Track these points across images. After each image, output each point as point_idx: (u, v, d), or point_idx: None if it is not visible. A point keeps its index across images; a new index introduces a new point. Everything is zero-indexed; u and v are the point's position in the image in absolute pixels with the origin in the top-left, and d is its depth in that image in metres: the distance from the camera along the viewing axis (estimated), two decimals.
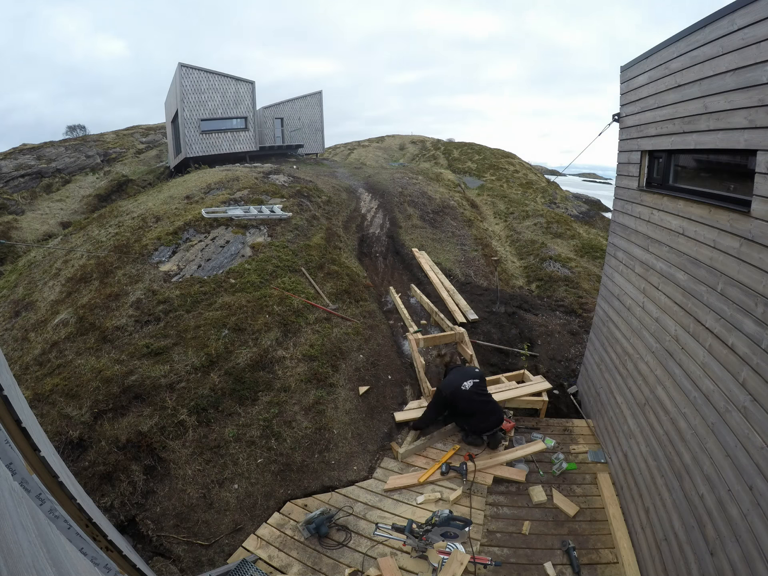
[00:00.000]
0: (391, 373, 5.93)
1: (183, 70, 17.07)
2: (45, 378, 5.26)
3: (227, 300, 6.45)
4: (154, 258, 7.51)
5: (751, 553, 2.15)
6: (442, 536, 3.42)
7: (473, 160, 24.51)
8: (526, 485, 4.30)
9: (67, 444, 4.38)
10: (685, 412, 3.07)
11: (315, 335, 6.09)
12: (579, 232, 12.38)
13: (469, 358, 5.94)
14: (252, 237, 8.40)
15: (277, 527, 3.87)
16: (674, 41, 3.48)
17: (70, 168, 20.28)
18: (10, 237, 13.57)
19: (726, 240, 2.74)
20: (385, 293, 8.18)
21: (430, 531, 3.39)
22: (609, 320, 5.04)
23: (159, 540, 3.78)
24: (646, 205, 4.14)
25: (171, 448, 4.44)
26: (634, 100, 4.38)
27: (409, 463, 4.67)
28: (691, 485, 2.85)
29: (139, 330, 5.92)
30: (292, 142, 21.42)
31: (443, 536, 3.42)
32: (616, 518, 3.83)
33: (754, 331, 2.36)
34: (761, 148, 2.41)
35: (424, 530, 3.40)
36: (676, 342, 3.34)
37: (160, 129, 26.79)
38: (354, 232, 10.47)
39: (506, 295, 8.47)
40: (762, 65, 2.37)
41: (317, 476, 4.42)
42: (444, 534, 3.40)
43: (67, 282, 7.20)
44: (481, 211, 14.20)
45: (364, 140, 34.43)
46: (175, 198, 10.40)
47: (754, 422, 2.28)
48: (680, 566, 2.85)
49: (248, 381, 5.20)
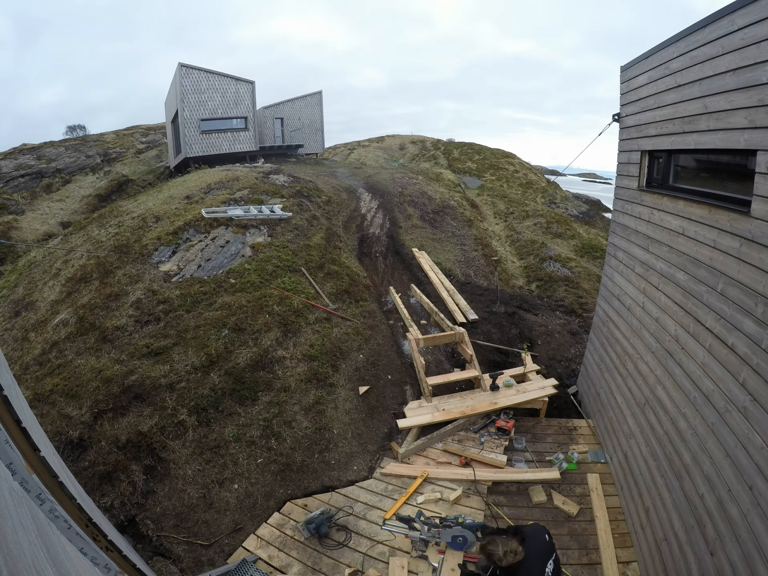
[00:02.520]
0: (391, 373, 5.93)
1: (183, 70, 17.06)
2: (45, 378, 5.26)
3: (227, 300, 6.45)
4: (154, 258, 7.50)
5: (751, 553, 2.15)
6: (452, 540, 3.41)
7: (473, 160, 24.51)
8: (525, 485, 4.31)
9: (67, 444, 4.38)
10: (685, 412, 3.07)
11: (315, 335, 6.09)
12: (579, 232, 12.38)
13: (469, 358, 5.94)
14: (252, 237, 8.39)
15: (277, 527, 3.87)
16: (674, 41, 3.47)
17: (70, 168, 20.28)
18: (10, 237, 13.57)
19: (726, 240, 2.74)
20: (385, 293, 8.17)
21: (450, 528, 3.39)
22: (609, 320, 5.04)
23: (159, 540, 3.78)
24: (646, 205, 4.13)
25: (171, 448, 4.44)
26: (634, 100, 4.38)
27: (410, 463, 4.67)
28: (691, 485, 2.85)
29: (139, 330, 5.92)
30: (292, 142, 21.41)
31: (452, 540, 3.41)
32: (599, 519, 3.87)
33: (754, 331, 2.36)
34: (761, 148, 2.40)
35: (444, 524, 3.39)
36: (676, 342, 3.33)
37: (160, 129, 26.78)
38: (354, 232, 10.47)
39: (506, 295, 8.47)
40: (762, 65, 2.37)
41: (317, 476, 4.42)
42: (453, 538, 3.40)
43: (67, 282, 7.20)
44: (481, 211, 14.20)
45: (364, 140, 34.44)
46: (175, 198, 10.40)
47: (754, 422, 2.28)
48: (680, 566, 2.85)
49: (248, 381, 5.20)
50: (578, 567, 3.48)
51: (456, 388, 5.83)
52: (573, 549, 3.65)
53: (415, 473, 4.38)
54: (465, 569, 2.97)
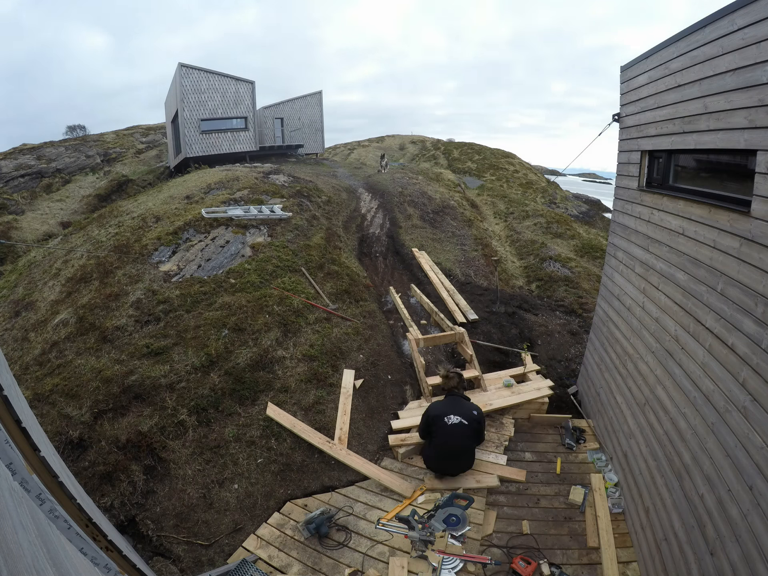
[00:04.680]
0: (391, 373, 5.92)
1: (183, 70, 17.08)
2: (45, 378, 5.26)
3: (227, 300, 6.45)
4: (154, 258, 7.51)
5: (751, 553, 2.15)
6: (444, 522, 3.42)
7: (473, 160, 24.53)
8: (526, 485, 4.31)
9: (67, 444, 4.38)
10: (685, 412, 3.07)
11: (315, 335, 6.09)
12: (579, 232, 12.38)
13: (469, 358, 5.94)
14: (252, 237, 8.39)
15: (277, 527, 3.87)
16: (674, 41, 3.48)
17: (70, 168, 20.29)
18: (10, 237, 13.57)
19: (726, 240, 2.74)
20: (385, 293, 8.17)
21: (434, 516, 3.40)
22: (609, 320, 5.04)
23: (159, 540, 3.78)
24: (646, 205, 4.14)
25: (171, 448, 4.44)
26: (634, 100, 4.38)
27: (410, 463, 4.67)
28: (691, 485, 2.85)
29: (139, 330, 5.92)
30: (292, 142, 21.43)
31: (445, 522, 3.42)
32: (601, 518, 3.89)
33: (754, 331, 2.36)
34: (761, 148, 2.40)
35: (428, 515, 3.42)
36: (676, 342, 3.34)
37: (160, 129, 26.80)
38: (354, 232, 10.47)
39: (506, 295, 8.47)
40: (762, 65, 2.37)
41: (317, 476, 4.41)
42: (446, 520, 3.40)
43: (67, 282, 7.20)
44: (481, 211, 14.20)
45: (364, 140, 34.47)
46: (175, 198, 10.40)
47: (754, 422, 2.28)
48: (680, 566, 2.85)
49: (248, 381, 5.20)
50: (578, 567, 3.48)
51: None
52: (573, 549, 3.65)
53: (408, 492, 4.18)
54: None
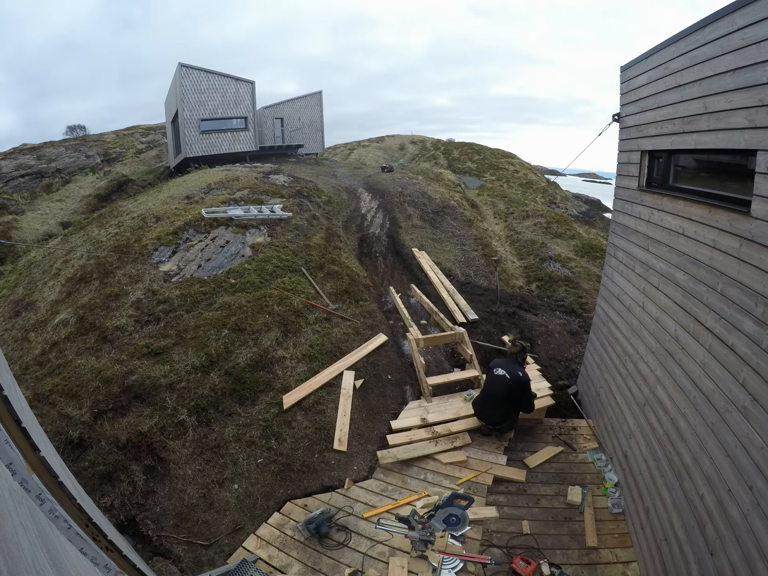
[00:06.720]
0: (391, 373, 5.93)
1: (183, 70, 17.07)
2: (45, 378, 5.26)
3: (227, 300, 6.45)
4: (154, 258, 7.51)
5: (751, 554, 2.15)
6: (445, 522, 3.42)
7: (473, 160, 24.51)
8: (526, 485, 4.31)
9: (67, 444, 4.38)
10: (685, 412, 3.07)
11: (315, 335, 6.09)
12: (579, 232, 12.37)
13: (469, 359, 5.94)
14: (252, 237, 8.39)
15: (277, 527, 3.87)
16: (674, 41, 3.47)
17: (70, 168, 20.28)
18: (10, 237, 13.57)
19: (726, 240, 2.74)
20: (385, 293, 8.17)
21: (434, 516, 3.40)
22: (609, 320, 5.04)
23: (159, 540, 3.78)
24: (646, 205, 4.13)
25: (171, 448, 4.44)
26: (634, 100, 4.38)
27: (410, 463, 4.67)
28: (691, 485, 2.85)
29: (139, 330, 5.92)
30: (292, 142, 21.43)
31: (445, 522, 3.42)
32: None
33: (754, 331, 2.36)
34: (761, 148, 2.40)
35: (428, 515, 3.42)
36: (676, 342, 3.33)
37: (160, 129, 26.78)
38: (354, 232, 10.47)
39: (506, 295, 8.47)
40: (762, 65, 2.37)
41: (317, 476, 4.41)
42: (446, 520, 3.40)
43: (67, 282, 7.20)
44: (481, 211, 14.20)
45: (364, 140, 34.44)
46: (175, 198, 10.40)
47: (754, 422, 2.28)
48: (680, 566, 2.85)
49: (248, 381, 5.20)
50: (578, 567, 3.48)
51: (456, 388, 5.83)
52: (573, 549, 3.65)
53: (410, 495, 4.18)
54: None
